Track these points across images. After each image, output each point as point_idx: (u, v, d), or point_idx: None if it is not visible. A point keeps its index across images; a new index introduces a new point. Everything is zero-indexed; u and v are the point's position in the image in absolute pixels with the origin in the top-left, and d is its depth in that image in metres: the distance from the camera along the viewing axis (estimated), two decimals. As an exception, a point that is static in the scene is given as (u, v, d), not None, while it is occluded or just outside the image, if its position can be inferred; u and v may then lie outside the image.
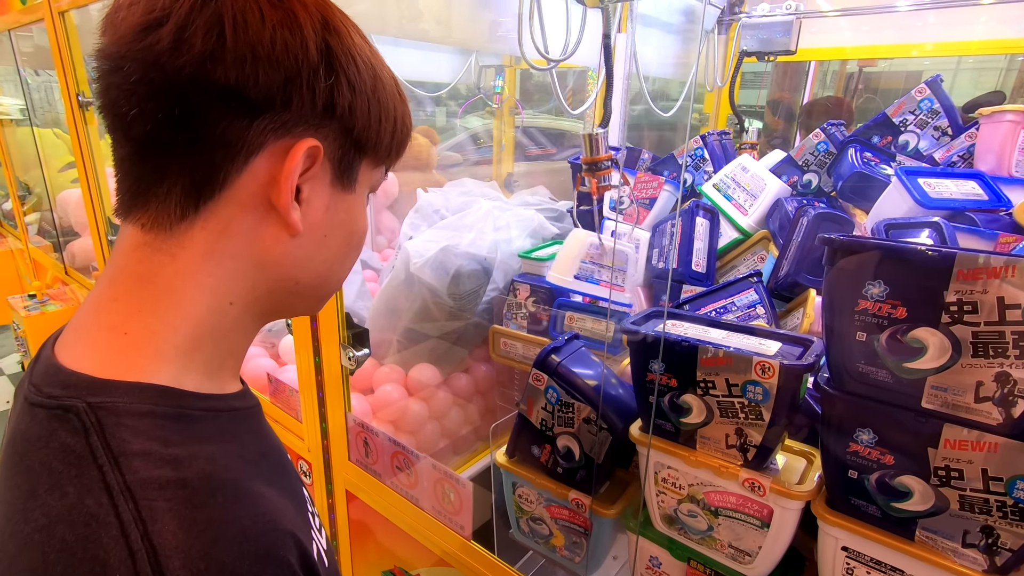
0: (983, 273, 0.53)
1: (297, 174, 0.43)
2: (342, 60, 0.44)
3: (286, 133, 0.43)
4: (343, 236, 0.50)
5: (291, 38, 0.41)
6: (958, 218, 1.06)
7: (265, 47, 0.40)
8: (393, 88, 0.50)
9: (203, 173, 0.42)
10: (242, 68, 0.40)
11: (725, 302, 1.08)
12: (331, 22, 0.44)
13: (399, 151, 0.53)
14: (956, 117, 1.32)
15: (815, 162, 1.44)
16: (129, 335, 0.42)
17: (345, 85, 0.44)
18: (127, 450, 0.37)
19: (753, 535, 0.74)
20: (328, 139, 0.45)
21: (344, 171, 0.48)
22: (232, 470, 0.41)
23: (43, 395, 0.40)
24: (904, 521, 0.63)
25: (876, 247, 0.59)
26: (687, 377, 0.73)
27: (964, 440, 0.56)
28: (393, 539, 1.28)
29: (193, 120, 0.41)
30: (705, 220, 1.38)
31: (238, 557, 0.36)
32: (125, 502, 0.35)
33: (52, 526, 0.35)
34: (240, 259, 0.45)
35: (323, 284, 0.52)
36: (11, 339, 3.89)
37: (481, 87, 2.67)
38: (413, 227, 1.83)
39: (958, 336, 0.55)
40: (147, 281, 0.43)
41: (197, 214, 0.43)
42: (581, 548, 0.93)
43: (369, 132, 0.48)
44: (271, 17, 0.41)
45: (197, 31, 0.39)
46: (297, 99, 0.42)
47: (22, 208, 3.08)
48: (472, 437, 1.56)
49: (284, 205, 0.44)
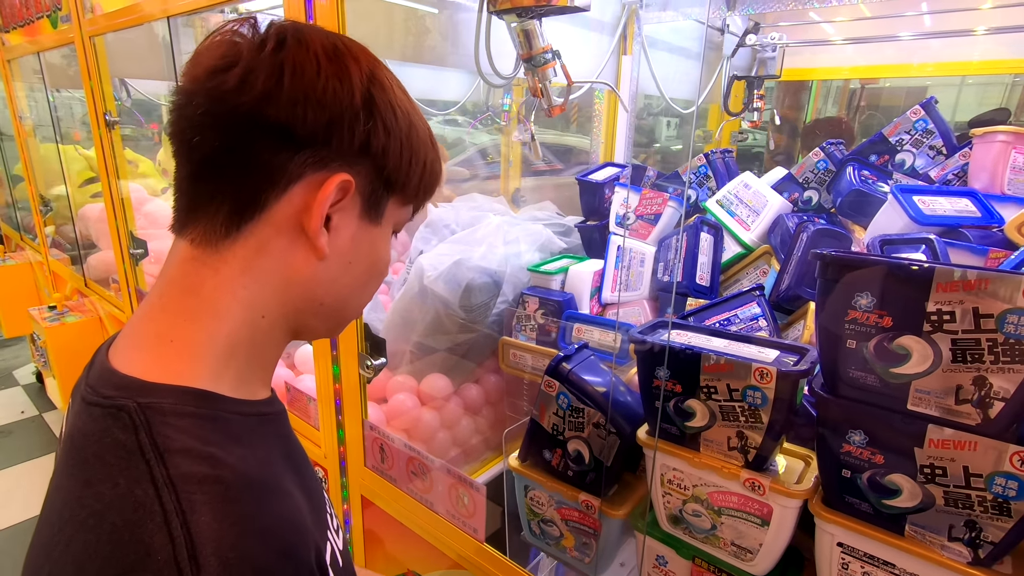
0: (959, 286, 0.57)
1: (329, 203, 0.49)
2: (381, 108, 0.50)
3: (323, 167, 0.48)
4: (366, 264, 0.55)
5: (340, 86, 0.47)
6: (951, 234, 1.11)
7: (316, 93, 0.46)
8: (426, 137, 0.55)
9: (247, 196, 0.48)
10: (293, 109, 0.46)
11: (728, 314, 1.13)
12: (377, 76, 0.50)
13: (427, 193, 0.58)
14: (950, 137, 1.37)
15: (815, 179, 1.50)
16: (175, 343, 0.47)
17: (381, 130, 0.50)
18: (171, 447, 0.42)
19: (754, 533, 0.78)
20: (361, 175, 0.50)
21: (372, 206, 0.53)
22: (261, 470, 0.46)
23: (99, 395, 0.45)
24: (894, 517, 0.67)
25: (864, 262, 0.64)
26: (691, 383, 0.78)
27: (947, 440, 0.61)
28: (407, 543, 1.32)
29: (246, 149, 0.46)
30: (709, 235, 1.44)
31: (262, 551, 0.41)
32: (168, 493, 0.39)
33: (104, 512, 0.39)
34: (273, 276, 0.50)
35: (344, 307, 0.56)
36: (26, 350, 3.97)
37: (490, 105, 2.75)
38: (424, 241, 1.89)
39: (939, 343, 0.60)
40: (192, 293, 0.48)
41: (239, 232, 0.48)
42: (590, 549, 0.97)
43: (399, 172, 0.53)
44: (326, 68, 0.47)
45: (259, 74, 0.45)
46: (337, 138, 0.48)
47: (42, 220, 3.16)
48: (482, 447, 1.60)
49: (314, 229, 0.49)
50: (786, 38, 1.99)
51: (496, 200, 2.16)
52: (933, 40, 2.03)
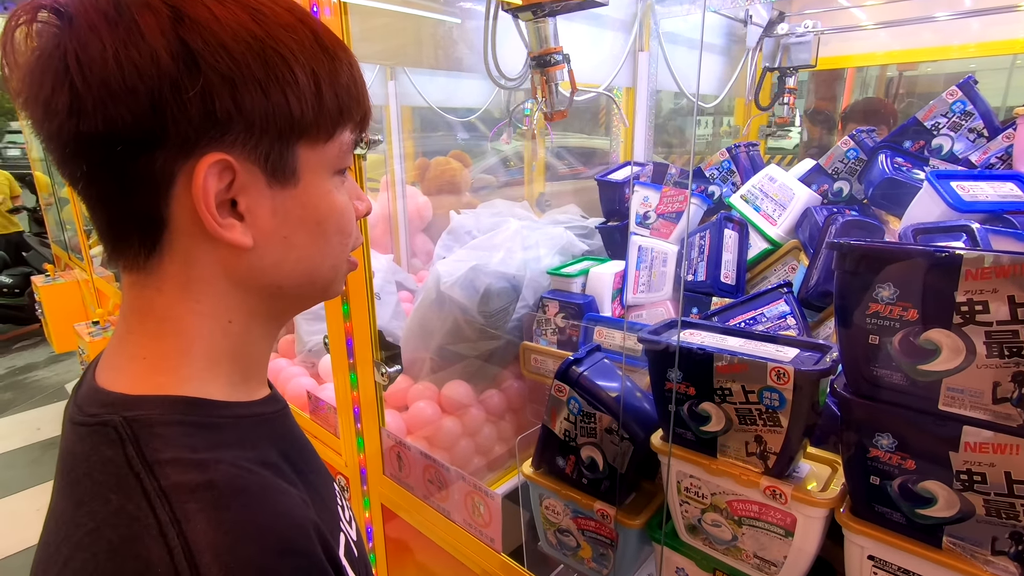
0: (992, 273, 0.52)
1: (212, 194, 0.41)
2: (204, 53, 0.38)
3: (186, 155, 0.40)
4: (309, 229, 0.47)
5: (137, 56, 0.37)
6: (995, 221, 1.03)
7: (115, 79, 0.37)
8: (304, 46, 0.42)
9: (141, 214, 0.42)
10: (105, 113, 0.37)
11: (754, 313, 1.08)
12: (184, 11, 0.39)
13: (346, 114, 0.46)
14: (992, 118, 1.29)
15: (845, 170, 1.42)
16: (148, 359, 0.46)
17: (217, 81, 0.39)
18: (159, 458, 0.40)
19: (778, 544, 0.73)
20: (236, 144, 0.41)
21: (276, 168, 0.43)
22: (255, 472, 0.44)
23: (85, 414, 0.44)
24: (930, 528, 0.61)
25: (883, 250, 0.59)
26: (704, 385, 0.74)
27: (985, 443, 0.55)
28: (428, 555, 1.30)
29: (103, 172, 0.40)
30: (734, 232, 1.38)
31: (260, 552, 0.39)
32: (162, 505, 0.38)
33: (99, 530, 0.38)
34: (216, 283, 0.45)
35: (310, 280, 0.49)
36: (77, 364, 4.14)
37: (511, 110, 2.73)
38: (446, 248, 1.88)
39: (971, 337, 0.54)
40: (146, 314, 0.46)
41: (155, 251, 0.43)
42: (608, 560, 0.93)
43: (279, 116, 0.42)
44: (111, 42, 0.37)
45: (53, 89, 0.38)
46: (171, 120, 0.38)
47: (88, 242, 3.29)
48: (506, 455, 1.57)
49: (214, 229, 0.42)
50: (820, 25, 1.91)
51: (519, 205, 2.15)
52: (974, 19, 1.92)
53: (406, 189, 2.10)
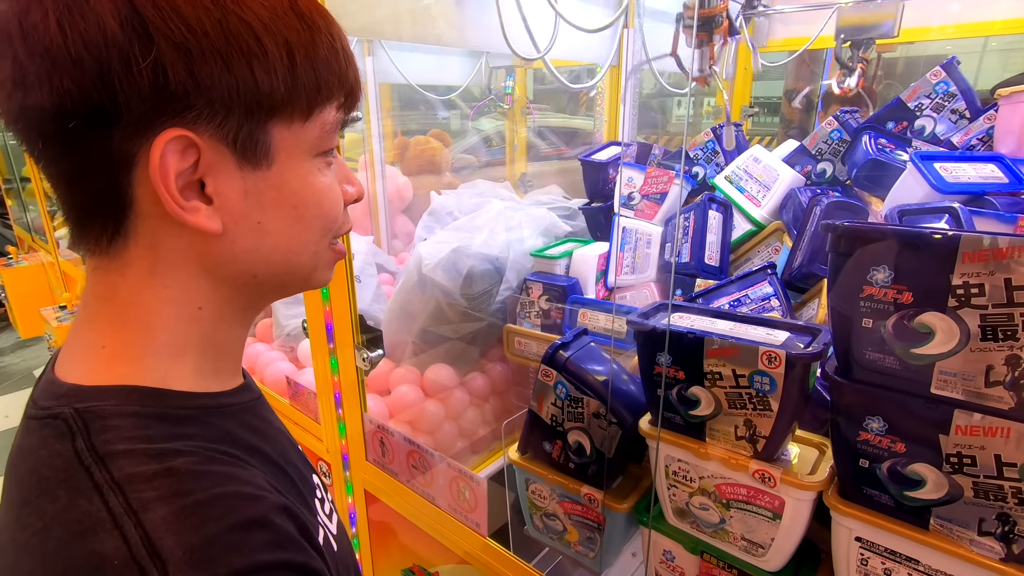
0: (989, 255, 0.51)
1: (172, 173, 0.38)
2: (157, 22, 0.35)
3: (143, 134, 0.37)
4: (285, 214, 0.43)
5: (82, 22, 0.34)
6: (977, 202, 1.04)
7: (58, 48, 0.34)
8: (267, 16, 0.38)
9: (104, 195, 0.39)
10: (51, 84, 0.34)
11: (739, 295, 1.07)
12: None
13: (329, 89, 0.42)
14: (974, 99, 1.29)
15: (829, 151, 1.42)
16: (107, 348, 0.43)
17: (171, 52, 0.35)
18: (111, 450, 0.38)
19: (765, 527, 0.73)
20: (199, 121, 0.37)
21: (247, 147, 0.40)
22: (218, 461, 0.41)
23: (37, 407, 0.41)
24: (918, 510, 0.61)
25: (880, 232, 0.58)
26: (694, 369, 0.73)
27: (976, 426, 0.55)
28: (412, 538, 1.29)
29: (59, 150, 0.38)
30: (718, 213, 1.37)
31: (226, 529, 0.37)
32: (115, 496, 0.36)
33: (47, 528, 0.36)
34: (186, 267, 0.43)
35: (288, 269, 0.46)
36: (45, 350, 4.02)
37: (492, 88, 2.68)
38: (427, 229, 1.85)
39: (966, 320, 0.54)
40: (108, 300, 0.43)
41: (120, 234, 0.41)
42: (595, 543, 0.93)
43: (243, 92, 0.38)
44: (54, 7, 0.34)
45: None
46: (122, 93, 0.35)
47: (52, 223, 3.17)
48: (490, 437, 1.56)
49: (176, 212, 0.39)
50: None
51: (501, 186, 2.11)
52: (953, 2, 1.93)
53: (385, 169, 2.05)
